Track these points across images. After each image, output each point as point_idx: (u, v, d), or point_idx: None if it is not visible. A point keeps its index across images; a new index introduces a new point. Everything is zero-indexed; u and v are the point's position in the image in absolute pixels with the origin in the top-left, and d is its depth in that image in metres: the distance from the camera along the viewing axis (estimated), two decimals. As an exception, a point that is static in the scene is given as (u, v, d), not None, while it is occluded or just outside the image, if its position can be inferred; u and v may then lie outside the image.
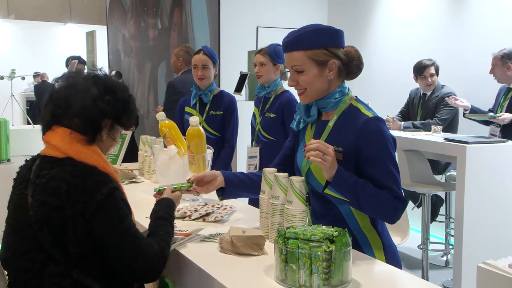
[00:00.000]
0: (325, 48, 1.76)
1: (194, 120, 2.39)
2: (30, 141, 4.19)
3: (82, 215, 1.46)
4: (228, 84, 5.32)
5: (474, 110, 4.06)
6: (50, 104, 1.61)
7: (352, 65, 1.81)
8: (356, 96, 1.86)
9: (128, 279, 1.59)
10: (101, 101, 1.58)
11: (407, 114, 4.67)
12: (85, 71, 1.69)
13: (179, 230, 1.95)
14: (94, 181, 1.50)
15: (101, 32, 8.85)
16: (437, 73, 4.43)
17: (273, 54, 3.15)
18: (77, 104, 1.56)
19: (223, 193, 2.01)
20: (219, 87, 5.49)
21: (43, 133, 1.63)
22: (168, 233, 1.67)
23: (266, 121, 3.19)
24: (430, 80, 4.41)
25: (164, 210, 1.75)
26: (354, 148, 1.73)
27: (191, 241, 1.85)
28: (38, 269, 1.49)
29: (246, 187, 2.02)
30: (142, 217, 2.02)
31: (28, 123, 5.81)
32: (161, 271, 1.60)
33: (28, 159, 1.67)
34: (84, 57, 8.10)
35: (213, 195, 2.59)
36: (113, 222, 1.50)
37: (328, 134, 1.80)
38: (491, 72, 4.09)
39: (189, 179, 1.98)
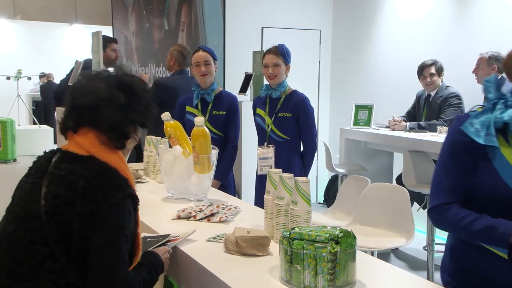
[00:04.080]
0: None
1: (199, 120, 2.40)
2: (36, 141, 4.20)
3: (92, 214, 1.45)
4: (232, 85, 5.32)
5: None
6: (75, 111, 1.58)
7: None
8: None
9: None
10: (129, 110, 1.58)
11: (413, 115, 4.66)
12: (102, 71, 1.65)
13: (172, 237, 1.87)
14: (111, 183, 1.49)
15: (107, 33, 8.85)
16: (438, 73, 4.42)
17: (285, 54, 3.15)
18: (108, 116, 1.55)
19: None
20: (224, 87, 5.50)
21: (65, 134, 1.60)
22: (144, 278, 1.57)
23: (281, 121, 3.18)
24: (429, 80, 4.41)
25: (146, 258, 1.66)
26: None
27: (193, 241, 1.85)
28: (37, 263, 1.45)
29: None
30: (146, 217, 2.02)
31: (34, 123, 5.82)
32: None
33: (46, 151, 1.64)
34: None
35: (217, 196, 2.60)
36: (108, 226, 1.46)
37: None
38: (474, 71, 4.12)
39: None
